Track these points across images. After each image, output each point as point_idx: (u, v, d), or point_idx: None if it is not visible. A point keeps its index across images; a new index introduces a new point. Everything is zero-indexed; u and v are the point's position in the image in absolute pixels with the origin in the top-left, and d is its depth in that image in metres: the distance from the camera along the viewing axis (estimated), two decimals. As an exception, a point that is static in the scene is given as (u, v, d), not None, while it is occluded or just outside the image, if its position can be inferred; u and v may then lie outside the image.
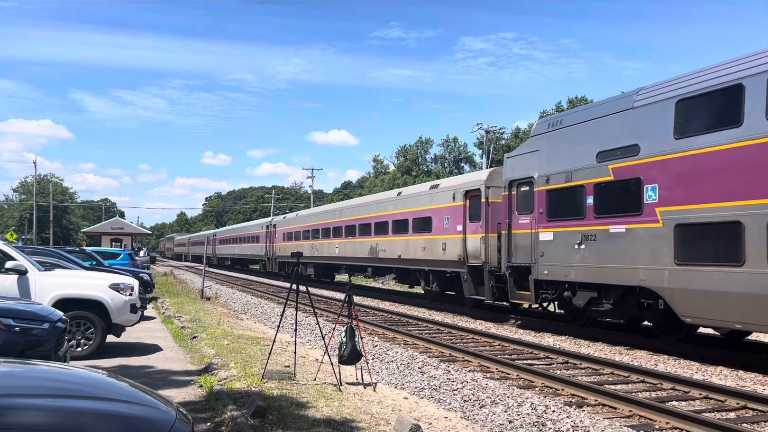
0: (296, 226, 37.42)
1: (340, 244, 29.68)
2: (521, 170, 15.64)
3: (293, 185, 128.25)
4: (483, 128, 45.31)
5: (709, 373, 10.40)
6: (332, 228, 30.95)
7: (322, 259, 32.46)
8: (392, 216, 24.17)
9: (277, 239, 40.73)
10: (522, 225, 15.48)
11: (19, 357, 5.48)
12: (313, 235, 33.76)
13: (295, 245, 36.08)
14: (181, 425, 3.24)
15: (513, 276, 15.90)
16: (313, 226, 34.09)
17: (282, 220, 41.50)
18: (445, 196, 20.40)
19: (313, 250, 33.14)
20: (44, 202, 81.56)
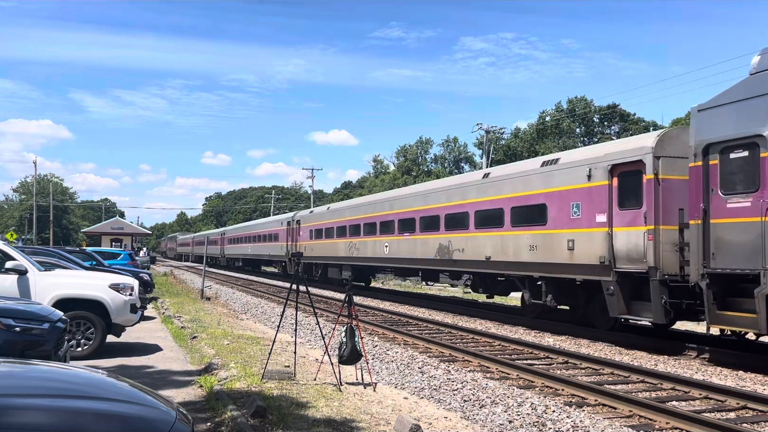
0: (328, 221, 31.47)
1: (391, 242, 23.84)
2: (732, 127, 10.61)
3: (293, 185, 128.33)
4: (483, 128, 45.30)
5: (709, 373, 10.40)
6: (379, 223, 25.13)
7: (364, 260, 26.61)
8: (475, 205, 18.30)
9: (302, 237, 35.01)
10: (733, 211, 10.54)
11: (19, 357, 5.48)
12: (352, 231, 27.95)
13: (326, 244, 31.18)
14: (181, 425, 3.24)
15: (713, 288, 10.75)
16: (351, 221, 28.15)
17: (308, 215, 35.45)
18: (571, 174, 14.55)
19: (351, 249, 27.62)
20: (44, 202, 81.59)
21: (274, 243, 41.85)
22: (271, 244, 42.78)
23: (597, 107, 65.36)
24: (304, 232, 35.09)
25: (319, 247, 32.30)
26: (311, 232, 33.87)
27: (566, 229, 14.65)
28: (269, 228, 44.10)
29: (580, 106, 65.37)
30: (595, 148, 15.83)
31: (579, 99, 66.90)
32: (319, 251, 32.21)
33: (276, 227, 41.94)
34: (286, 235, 38.45)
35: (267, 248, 43.86)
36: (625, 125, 63.83)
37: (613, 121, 67.10)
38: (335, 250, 29.85)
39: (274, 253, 41.68)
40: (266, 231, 44.72)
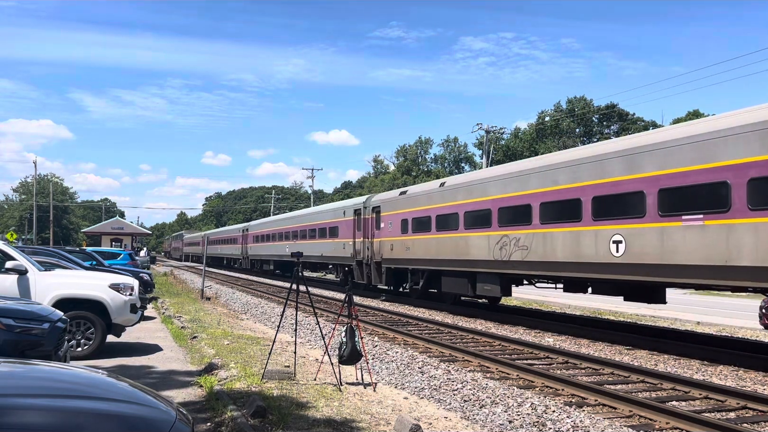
0: (442, 205, 19.83)
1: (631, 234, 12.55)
2: None
3: (293, 185, 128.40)
4: (483, 128, 45.29)
5: (709, 373, 10.40)
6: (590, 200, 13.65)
7: (526, 267, 15.86)
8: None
9: (384, 231, 23.91)
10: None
11: (19, 357, 5.48)
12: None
13: (440, 240, 19.72)
14: (181, 425, 3.24)
15: None
16: (503, 202, 16.80)
17: (396, 198, 23.67)
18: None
19: (504, 247, 16.53)
20: (44, 202, 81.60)
21: (330, 240, 30.37)
22: (324, 242, 31.28)
23: (596, 107, 65.39)
24: (389, 222, 23.55)
25: (422, 245, 20.99)
26: (405, 222, 22.24)
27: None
28: (323, 220, 32.02)
29: (579, 106, 65.39)
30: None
31: (578, 99, 66.95)
32: (421, 251, 21.00)
33: (333, 218, 30.44)
34: (351, 229, 27.49)
35: (318, 247, 32.08)
36: (624, 125, 63.88)
37: (612, 121, 67.15)
38: (461, 249, 18.53)
39: (330, 254, 30.21)
40: (319, 224, 32.59)
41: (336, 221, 29.94)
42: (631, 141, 13.40)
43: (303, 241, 35.12)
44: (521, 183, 16.23)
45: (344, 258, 28.32)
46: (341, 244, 28.77)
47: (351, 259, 27.32)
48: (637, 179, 12.40)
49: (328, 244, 30.79)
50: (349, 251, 27.46)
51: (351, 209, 28.01)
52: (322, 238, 31.74)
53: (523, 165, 17.12)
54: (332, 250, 29.99)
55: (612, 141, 15.62)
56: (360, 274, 26.41)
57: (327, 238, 31.03)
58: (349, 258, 27.65)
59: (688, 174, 11.35)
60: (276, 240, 41.05)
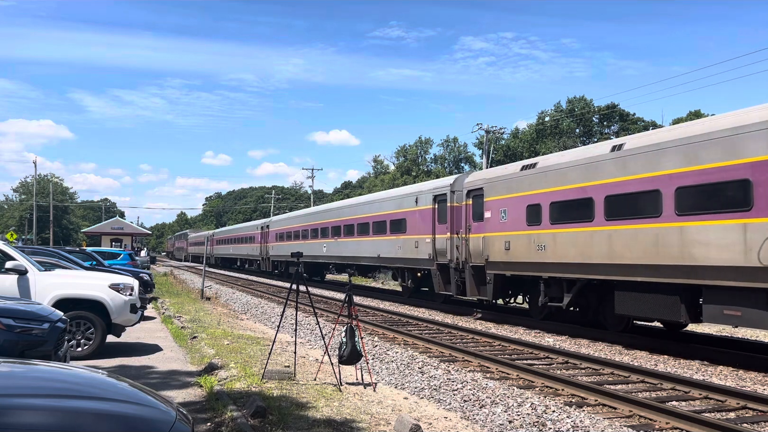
0: (610, 181, 13.07)
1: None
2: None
3: (293, 185, 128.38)
4: (483, 128, 45.28)
5: (709, 373, 10.40)
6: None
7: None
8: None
9: (491, 223, 17.09)
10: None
11: (19, 357, 5.48)
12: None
13: (608, 233, 12.98)
14: (181, 425, 3.24)
15: None
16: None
17: (506, 179, 16.76)
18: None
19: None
20: (44, 202, 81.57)
21: (390, 237, 23.67)
22: (381, 239, 24.37)
23: (596, 107, 65.40)
24: (501, 210, 16.68)
25: (574, 242, 14.01)
26: (536, 209, 15.23)
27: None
28: (378, 211, 25.02)
29: (579, 106, 65.40)
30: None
31: (578, 99, 66.95)
32: (573, 250, 14.03)
33: (398, 208, 23.20)
34: (431, 221, 20.65)
35: (371, 246, 25.33)
36: (625, 125, 63.88)
37: (612, 121, 67.15)
38: (669, 248, 11.64)
39: (391, 254, 23.60)
40: (370, 216, 25.62)
41: (402, 212, 22.94)
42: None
43: (348, 238, 28.04)
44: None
45: (416, 260, 21.68)
46: (411, 242, 21.95)
47: (428, 261, 20.76)
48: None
49: (389, 243, 23.66)
50: (426, 251, 20.83)
51: (428, 195, 21.16)
52: (379, 235, 24.75)
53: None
54: (396, 250, 23.15)
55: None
56: (442, 281, 20.04)
57: (387, 234, 24.00)
58: (424, 260, 21.01)
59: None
60: (308, 238, 33.79)
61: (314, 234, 33.00)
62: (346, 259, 28.39)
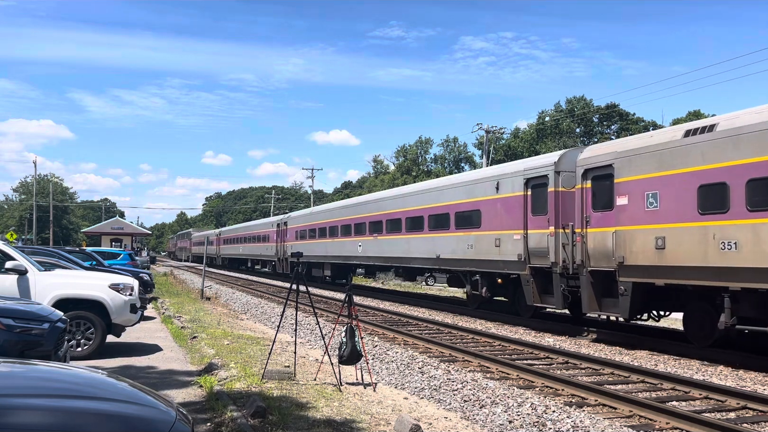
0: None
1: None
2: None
3: (293, 185, 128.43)
4: (483, 128, 45.28)
5: (709, 373, 10.40)
6: None
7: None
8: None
9: (629, 212, 12.66)
10: None
11: (19, 357, 5.48)
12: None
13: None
14: (181, 425, 3.24)
15: None
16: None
17: (652, 150, 12.13)
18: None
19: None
20: (44, 202, 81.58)
21: (456, 233, 19.25)
22: (442, 236, 20.04)
23: (596, 107, 65.43)
24: (647, 194, 12.33)
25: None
26: (721, 190, 10.85)
27: None
28: (437, 201, 20.58)
29: (579, 106, 65.42)
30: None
31: (578, 99, 66.99)
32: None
33: (469, 197, 18.76)
34: (520, 211, 16.37)
35: (427, 243, 20.95)
36: (625, 125, 63.91)
37: (612, 121, 67.18)
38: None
39: (458, 255, 19.18)
40: (426, 208, 21.18)
41: (475, 202, 18.18)
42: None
43: (394, 235, 23.35)
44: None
45: (496, 263, 17.07)
46: (488, 239, 17.44)
47: (516, 264, 16.14)
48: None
49: (453, 240, 19.15)
50: (513, 251, 16.29)
51: (516, 179, 16.43)
52: (439, 230, 20.18)
53: None
54: (464, 250, 18.58)
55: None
56: (537, 290, 15.63)
57: (451, 230, 19.44)
58: (511, 263, 16.40)
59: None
60: (336, 235, 29.38)
61: (345, 231, 28.27)
62: (390, 260, 23.87)
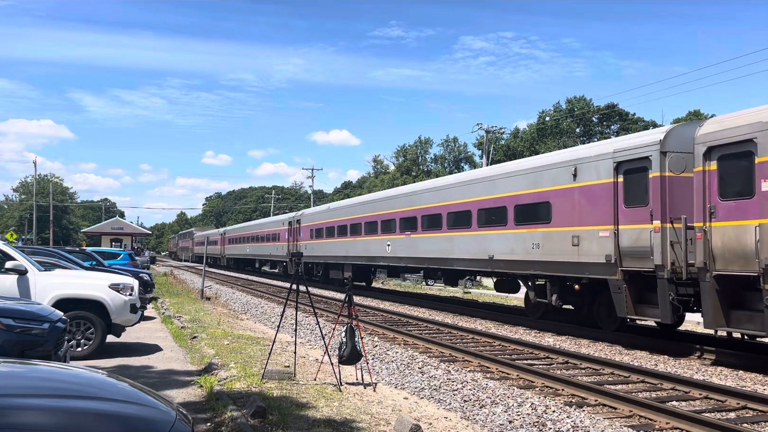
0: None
1: None
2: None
3: (293, 185, 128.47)
4: (483, 128, 45.28)
5: (709, 373, 10.40)
6: None
7: None
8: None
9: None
10: None
11: (19, 357, 5.48)
12: None
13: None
14: (181, 425, 3.24)
15: None
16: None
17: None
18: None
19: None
20: (44, 202, 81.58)
21: (528, 228, 15.82)
22: (502, 233, 16.82)
23: (596, 107, 65.44)
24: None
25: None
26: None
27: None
28: (493, 193, 17.33)
29: (578, 106, 65.43)
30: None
31: (578, 99, 67.01)
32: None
33: (535, 186, 15.68)
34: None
35: (488, 241, 17.38)
36: (624, 124, 63.93)
37: (612, 121, 67.19)
38: None
39: (526, 256, 15.82)
40: (483, 200, 17.76)
41: (543, 192, 15.14)
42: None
43: (432, 232, 20.48)
44: None
45: (574, 265, 14.02)
46: (563, 236, 14.36)
47: (604, 267, 13.06)
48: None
49: (512, 238, 16.23)
50: (599, 250, 13.23)
51: (603, 163, 13.39)
52: (492, 227, 17.11)
53: None
54: (528, 249, 15.58)
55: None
56: (632, 298, 12.60)
57: (508, 226, 16.40)
58: (595, 265, 13.34)
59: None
60: (359, 233, 26.77)
61: (370, 228, 25.64)
62: (427, 262, 21.22)
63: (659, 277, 12.02)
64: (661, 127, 12.65)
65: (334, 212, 30.74)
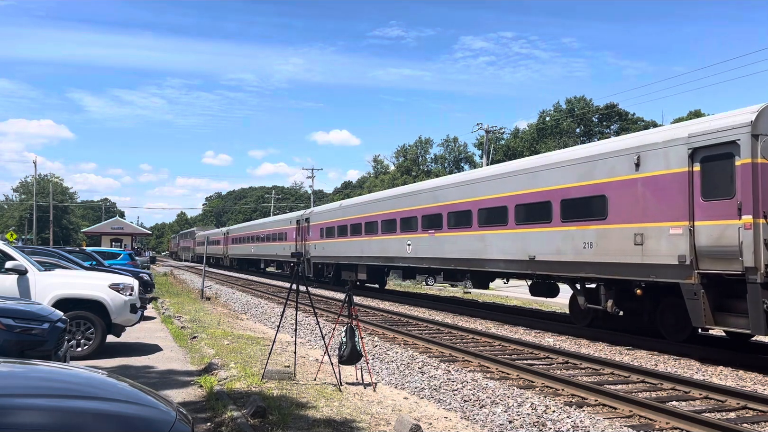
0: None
1: None
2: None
3: (293, 185, 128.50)
4: (483, 128, 45.28)
5: (709, 373, 10.40)
6: None
7: None
8: None
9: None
10: None
11: (19, 357, 5.48)
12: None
13: None
14: (181, 425, 3.24)
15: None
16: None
17: None
18: None
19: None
20: (44, 202, 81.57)
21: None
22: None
23: (596, 107, 65.45)
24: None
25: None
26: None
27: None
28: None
29: (579, 106, 65.44)
30: None
31: (578, 99, 67.03)
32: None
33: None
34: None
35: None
36: (624, 124, 63.94)
37: (612, 121, 67.21)
38: None
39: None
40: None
41: (595, 185, 13.47)
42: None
43: (460, 230, 18.83)
44: None
45: (639, 267, 12.31)
46: (623, 234, 12.70)
47: (676, 269, 11.46)
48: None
49: (558, 236, 14.51)
50: (670, 250, 11.64)
51: (674, 150, 11.78)
52: (531, 224, 15.54)
53: None
54: (578, 248, 13.86)
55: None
56: (710, 305, 11.01)
57: (552, 224, 14.70)
58: (666, 267, 11.68)
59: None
60: (376, 232, 25.09)
61: (388, 227, 23.97)
62: (455, 262, 19.46)
63: (750, 281, 10.24)
64: (750, 107, 11.15)
65: (347, 210, 28.76)
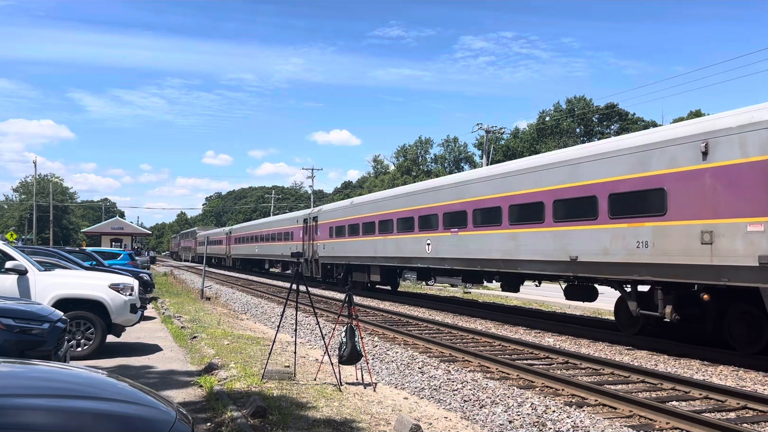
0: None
1: None
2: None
3: (293, 185, 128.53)
4: (483, 128, 45.27)
5: (709, 373, 10.40)
6: None
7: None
8: None
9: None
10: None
11: (19, 357, 5.48)
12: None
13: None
14: (181, 425, 3.24)
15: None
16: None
17: None
18: None
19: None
20: (44, 202, 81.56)
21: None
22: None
23: (596, 107, 65.45)
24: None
25: None
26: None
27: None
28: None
29: (579, 106, 65.44)
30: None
31: (578, 99, 67.03)
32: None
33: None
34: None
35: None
36: (624, 124, 63.94)
37: (612, 121, 67.21)
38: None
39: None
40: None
41: (657, 176, 11.92)
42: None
43: (488, 229, 17.33)
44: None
45: (707, 269, 10.91)
46: (688, 232, 11.25)
47: (754, 271, 10.08)
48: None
49: (608, 234, 13.00)
50: (748, 250, 10.21)
51: (750, 136, 10.31)
52: (574, 221, 14.03)
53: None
54: (631, 249, 12.39)
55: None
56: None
57: (600, 220, 13.22)
58: (741, 269, 10.29)
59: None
60: (391, 231, 23.53)
61: (405, 226, 22.32)
62: (481, 263, 17.79)
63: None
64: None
65: (359, 207, 27.05)
